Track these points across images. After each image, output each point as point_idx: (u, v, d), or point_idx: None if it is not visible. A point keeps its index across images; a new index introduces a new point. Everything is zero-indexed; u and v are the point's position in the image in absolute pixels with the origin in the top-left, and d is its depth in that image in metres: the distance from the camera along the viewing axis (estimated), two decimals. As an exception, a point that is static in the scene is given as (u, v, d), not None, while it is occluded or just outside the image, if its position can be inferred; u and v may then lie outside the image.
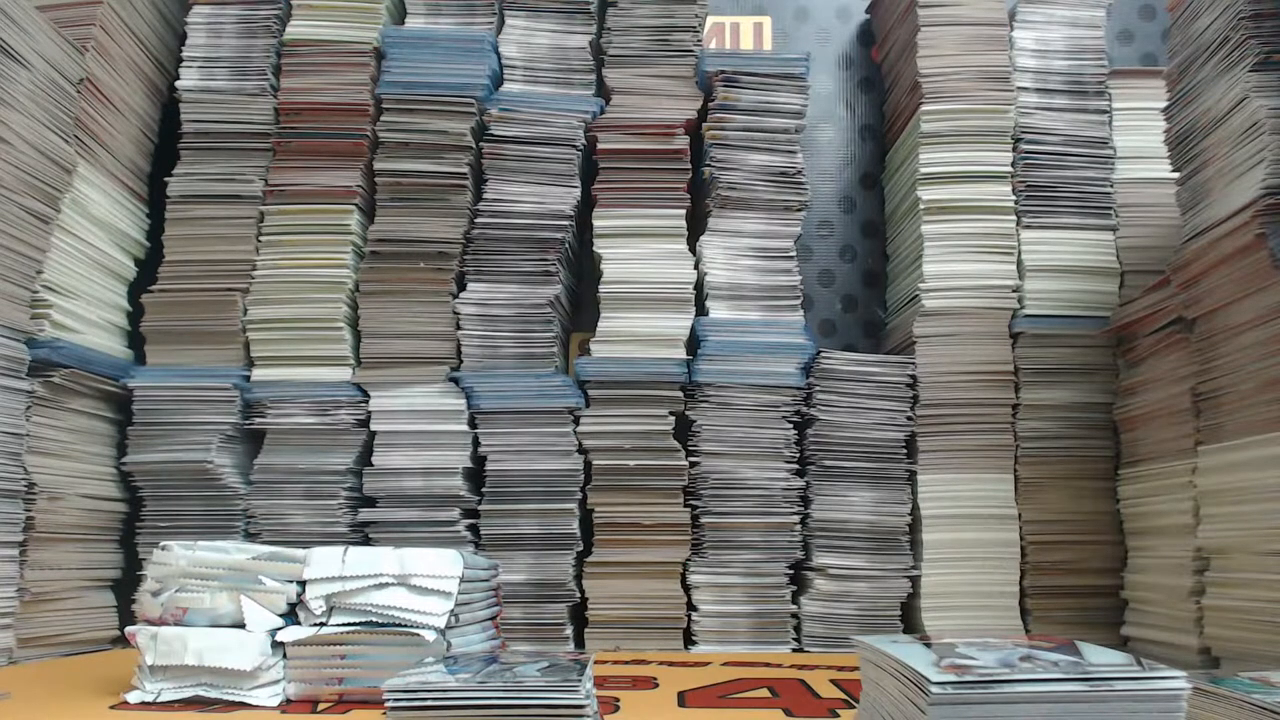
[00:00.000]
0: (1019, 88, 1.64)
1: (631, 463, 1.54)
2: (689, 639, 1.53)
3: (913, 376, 1.57)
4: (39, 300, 1.41)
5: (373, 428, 1.56)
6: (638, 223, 1.61)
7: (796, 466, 1.56)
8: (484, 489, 1.55)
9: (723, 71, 1.63)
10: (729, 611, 1.53)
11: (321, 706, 0.97)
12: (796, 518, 1.54)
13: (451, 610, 0.99)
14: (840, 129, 1.95)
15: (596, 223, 1.61)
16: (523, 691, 0.74)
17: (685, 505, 1.54)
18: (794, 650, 1.52)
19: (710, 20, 1.88)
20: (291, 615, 1.01)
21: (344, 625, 0.99)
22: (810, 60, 1.66)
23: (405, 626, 0.98)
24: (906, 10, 1.70)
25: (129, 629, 1.02)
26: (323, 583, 1.00)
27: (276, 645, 0.99)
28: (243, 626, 0.99)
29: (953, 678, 0.60)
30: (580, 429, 1.55)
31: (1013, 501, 1.55)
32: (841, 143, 1.94)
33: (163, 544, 1.06)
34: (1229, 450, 1.21)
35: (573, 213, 1.60)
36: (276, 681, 0.98)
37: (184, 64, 1.65)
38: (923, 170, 1.62)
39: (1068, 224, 1.61)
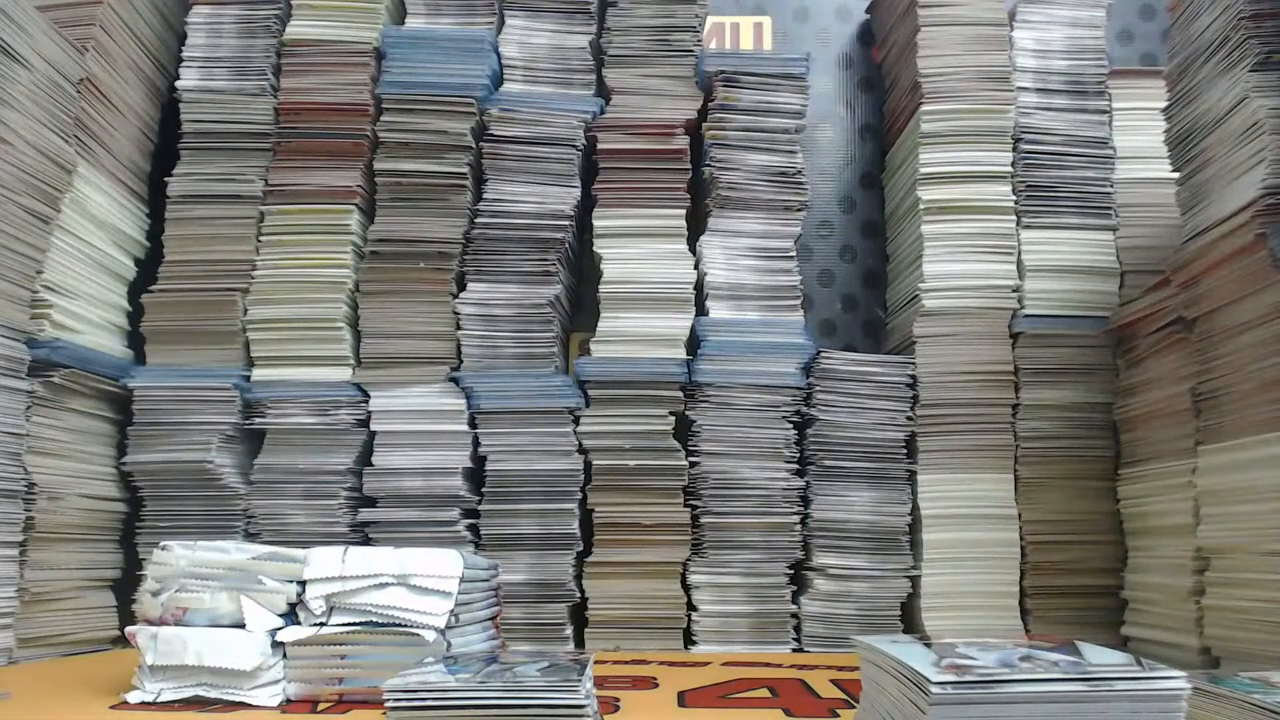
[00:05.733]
0: (1019, 88, 1.64)
1: (631, 463, 1.54)
2: (689, 639, 1.53)
3: (913, 376, 1.57)
4: (39, 300, 1.41)
5: (373, 428, 1.56)
6: (638, 223, 1.61)
7: (796, 466, 1.56)
8: (484, 489, 1.55)
9: (723, 71, 1.63)
10: (729, 611, 1.53)
11: (321, 706, 0.97)
12: (796, 518, 1.54)
13: (451, 610, 0.99)
14: (840, 129, 1.95)
15: (596, 223, 1.61)
16: (523, 691, 0.74)
17: (685, 505, 1.54)
18: (794, 650, 1.52)
19: (710, 20, 1.88)
20: (291, 615, 1.01)
21: (344, 625, 0.99)
22: (810, 60, 1.66)
23: (405, 626, 0.98)
24: (906, 10, 1.70)
25: (129, 629, 1.02)
26: (323, 583, 1.00)
27: (276, 645, 0.99)
28: (243, 626, 0.99)
29: (953, 678, 0.60)
30: (580, 429, 1.55)
31: (1013, 501, 1.55)
32: (841, 143, 1.94)
33: (163, 544, 1.06)
34: (1229, 450, 1.21)
35: (573, 213, 1.60)
36: (276, 681, 0.98)
37: (184, 64, 1.65)
38: (923, 170, 1.62)
39: (1068, 224, 1.61)
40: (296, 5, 1.66)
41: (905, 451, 1.57)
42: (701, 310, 1.61)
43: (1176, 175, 1.35)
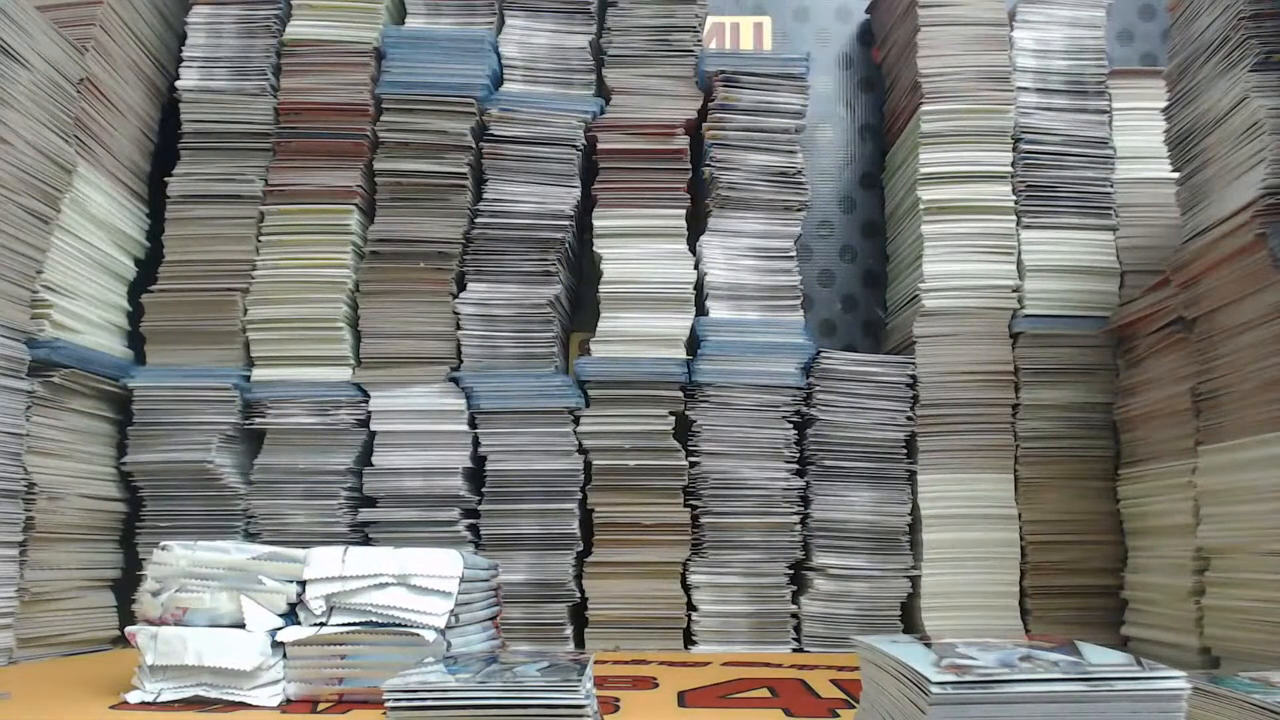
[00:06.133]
0: (1019, 88, 1.64)
1: (631, 463, 1.54)
2: (689, 639, 1.53)
3: (913, 376, 1.57)
4: (39, 300, 1.41)
5: (373, 428, 1.56)
6: (638, 223, 1.61)
7: (796, 466, 1.56)
8: (484, 489, 1.55)
9: (723, 71, 1.63)
10: (729, 611, 1.53)
11: (321, 706, 0.97)
12: (796, 518, 1.54)
13: (451, 610, 0.99)
14: (840, 129, 1.95)
15: (596, 223, 1.61)
16: (523, 691, 0.74)
17: (685, 505, 1.54)
18: (794, 650, 1.52)
19: (710, 20, 1.88)
20: (291, 615, 1.01)
21: (344, 625, 0.99)
22: (810, 60, 1.66)
23: (405, 626, 0.98)
24: (906, 10, 1.70)
25: (129, 629, 1.02)
26: (323, 583, 1.00)
27: (276, 645, 0.99)
28: (243, 626, 0.99)
29: (953, 678, 0.60)
30: (580, 429, 1.55)
31: (1013, 501, 1.55)
32: (841, 143, 1.94)
33: (163, 544, 1.06)
34: (1229, 450, 1.21)
35: (573, 213, 1.60)
36: (276, 681, 0.98)
37: (184, 64, 1.65)
38: (923, 170, 1.62)
39: (1068, 224, 1.61)
40: (296, 5, 1.66)
41: (905, 451, 1.57)
42: (701, 310, 1.61)
43: (1176, 175, 1.35)
